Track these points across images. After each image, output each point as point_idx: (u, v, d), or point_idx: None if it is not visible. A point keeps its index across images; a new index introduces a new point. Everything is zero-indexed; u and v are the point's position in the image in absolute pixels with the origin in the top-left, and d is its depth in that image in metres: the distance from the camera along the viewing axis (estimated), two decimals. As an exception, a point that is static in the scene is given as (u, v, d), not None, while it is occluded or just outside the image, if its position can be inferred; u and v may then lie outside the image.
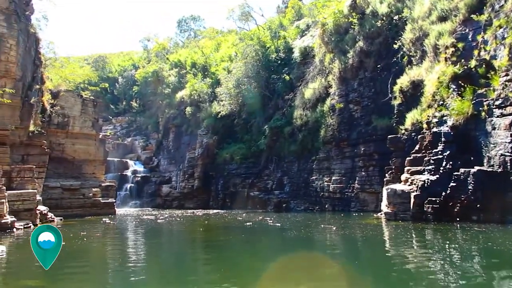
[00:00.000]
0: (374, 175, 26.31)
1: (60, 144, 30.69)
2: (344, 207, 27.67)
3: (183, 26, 69.69)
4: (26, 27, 23.65)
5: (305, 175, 32.61)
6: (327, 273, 8.71)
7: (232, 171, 38.35)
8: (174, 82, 51.96)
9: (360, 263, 10.05)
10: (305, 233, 15.70)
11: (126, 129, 57.29)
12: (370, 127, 27.32)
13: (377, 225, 17.73)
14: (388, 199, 19.80)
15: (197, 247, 13.96)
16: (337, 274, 8.74)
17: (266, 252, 11.79)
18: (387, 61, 27.00)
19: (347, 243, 13.76)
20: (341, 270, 9.05)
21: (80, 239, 14.31)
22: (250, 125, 39.57)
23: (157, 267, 10.00)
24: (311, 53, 36.09)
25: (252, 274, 8.94)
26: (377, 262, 10.28)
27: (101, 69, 67.24)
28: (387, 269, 9.23)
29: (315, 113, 32.42)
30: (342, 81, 30.00)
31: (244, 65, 40.41)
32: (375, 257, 11.11)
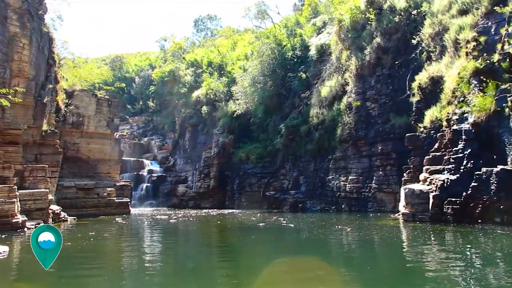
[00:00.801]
0: (391, 174, 25.61)
1: (75, 144, 30.76)
2: (361, 208, 26.99)
3: (200, 25, 69.57)
4: (39, 27, 23.65)
5: (322, 175, 31.99)
6: (334, 280, 8.14)
7: (248, 170, 37.93)
8: (190, 81, 51.93)
9: (373, 269, 9.42)
10: (317, 235, 15.13)
11: (143, 128, 57.44)
12: (388, 125, 26.60)
13: (394, 227, 17.06)
14: (406, 200, 19.13)
15: (204, 249, 13.50)
16: (347, 281, 8.16)
17: (273, 255, 11.20)
18: (405, 57, 26.23)
19: (361, 246, 13.11)
20: (351, 276, 8.49)
21: (87, 239, 14.05)
22: (266, 124, 39.09)
23: (156, 270, 9.59)
24: (327, 50, 35.43)
25: (251, 277, 8.48)
26: (392, 268, 9.65)
27: (118, 69, 67.63)
28: (403, 276, 8.65)
29: (331, 111, 31.79)
30: (359, 78, 29.28)
31: (260, 64, 39.93)
32: (390, 261, 10.49)
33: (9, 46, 21.18)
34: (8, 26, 21.22)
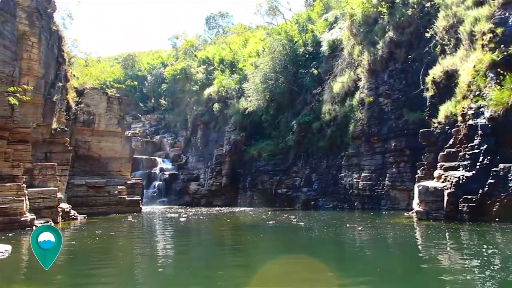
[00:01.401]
0: (405, 171, 25.11)
1: (86, 142, 30.79)
2: (374, 205, 26.52)
3: (212, 23, 69.46)
4: (48, 25, 23.64)
5: (334, 172, 31.55)
6: (338, 283, 7.75)
7: (260, 168, 37.64)
8: (202, 79, 51.77)
9: (383, 270, 8.92)
10: (327, 234, 14.73)
11: (155, 126, 57.49)
12: (401, 121, 26.05)
13: (407, 225, 16.57)
14: (420, 197, 18.63)
15: (208, 248, 13.19)
16: (354, 283, 7.77)
17: (276, 255, 10.79)
18: (419, 51, 25.60)
19: (371, 246, 12.65)
20: (359, 279, 8.08)
21: (92, 238, 13.89)
22: (278, 121, 38.71)
23: (153, 271, 9.32)
24: (339, 46, 34.88)
25: (249, 277, 8.19)
26: (404, 269, 9.17)
27: (131, 68, 67.81)
28: (416, 278, 8.22)
29: (344, 107, 31.32)
30: (372, 73, 28.72)
31: (271, 60, 39.55)
32: (402, 262, 10.02)
33: (18, 44, 21.17)
34: (17, 24, 21.19)
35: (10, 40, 20.30)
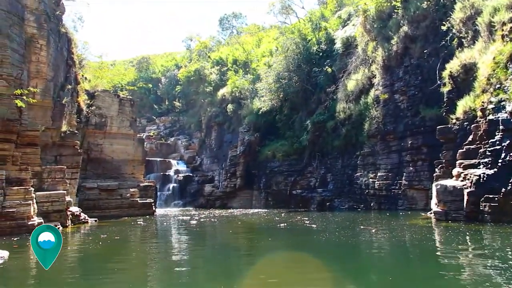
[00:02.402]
0: (423, 170, 24.41)
1: (98, 145, 30.62)
2: (391, 205, 25.78)
3: (225, 24, 69.16)
4: (57, 27, 23.47)
5: (349, 172, 30.85)
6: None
7: (275, 168, 37.11)
8: (215, 80, 51.53)
9: (396, 278, 8.21)
10: (338, 237, 14.02)
11: (170, 128, 57.43)
12: (418, 118, 25.31)
13: (424, 227, 15.81)
14: (438, 197, 17.85)
15: (211, 253, 12.57)
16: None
17: (280, 260, 10.23)
18: (435, 45, 24.78)
19: (384, 251, 11.90)
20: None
21: (95, 243, 13.52)
22: (292, 120, 38.19)
23: (148, 275, 8.86)
24: (353, 43, 34.17)
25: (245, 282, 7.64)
26: (421, 276, 8.42)
27: (145, 70, 67.95)
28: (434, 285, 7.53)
29: (358, 105, 30.62)
30: (386, 70, 27.94)
31: (284, 59, 39.02)
32: (418, 268, 9.24)
33: (26, 47, 21.00)
34: (25, 27, 21.02)
35: (18, 43, 20.13)
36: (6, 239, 14.73)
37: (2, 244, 13.62)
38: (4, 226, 16.43)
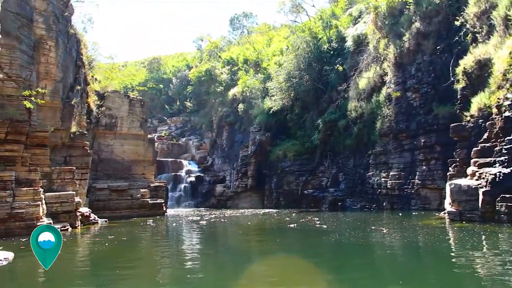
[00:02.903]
0: (436, 169, 23.91)
1: (109, 145, 30.65)
2: (404, 205, 25.31)
3: (236, 24, 68.92)
4: (66, 28, 23.46)
5: (361, 171, 30.44)
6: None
7: (286, 168, 36.83)
8: (226, 79, 51.40)
9: (406, 283, 7.85)
10: (348, 238, 13.66)
11: (181, 129, 57.45)
12: (431, 116, 24.80)
13: (438, 227, 15.38)
14: (452, 196, 17.41)
15: (215, 254, 12.30)
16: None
17: (286, 263, 9.89)
18: (448, 41, 24.27)
19: (395, 253, 11.48)
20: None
21: (102, 244, 13.35)
22: (303, 120, 37.87)
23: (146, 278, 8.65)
24: (364, 40, 33.68)
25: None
26: (433, 280, 8.05)
27: (156, 71, 68.08)
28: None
29: (370, 104, 30.18)
30: (398, 67, 27.45)
31: (295, 58, 38.70)
32: (429, 273, 8.82)
33: (35, 48, 21.02)
34: (34, 28, 21.04)
35: (27, 44, 20.15)
36: (15, 240, 14.70)
37: (10, 245, 13.59)
38: (14, 227, 16.43)
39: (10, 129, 17.88)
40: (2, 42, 19.00)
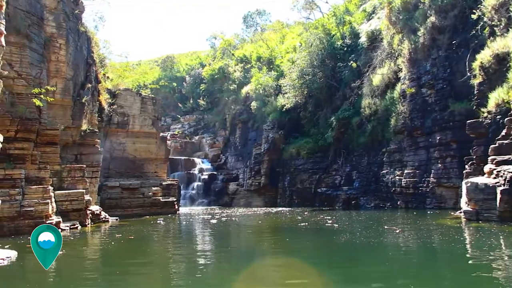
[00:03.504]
0: (452, 167, 23.36)
1: (121, 144, 30.59)
2: (419, 204, 24.82)
3: (249, 21, 68.60)
4: (76, 26, 23.40)
5: (375, 169, 29.96)
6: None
7: (299, 166, 36.49)
8: (239, 77, 51.16)
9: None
10: (359, 238, 13.24)
11: (194, 127, 57.34)
12: (447, 113, 24.19)
13: (453, 227, 14.89)
14: (468, 195, 16.90)
15: (224, 254, 11.95)
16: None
17: (290, 264, 9.53)
18: (464, 35, 23.64)
19: (407, 254, 10.97)
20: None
21: (107, 243, 13.22)
22: (316, 117, 37.50)
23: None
24: (379, 36, 33.11)
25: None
26: (445, 287, 7.66)
27: (169, 69, 68.13)
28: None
29: (384, 100, 29.69)
30: (413, 63, 26.88)
31: (308, 55, 38.28)
32: (443, 277, 8.34)
33: (45, 47, 20.99)
34: (44, 27, 21.00)
35: (37, 42, 20.13)
36: (23, 238, 14.64)
37: (17, 243, 13.53)
38: (23, 225, 16.40)
39: (20, 127, 17.94)
40: (12, 40, 19.04)
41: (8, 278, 8.74)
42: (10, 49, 19.01)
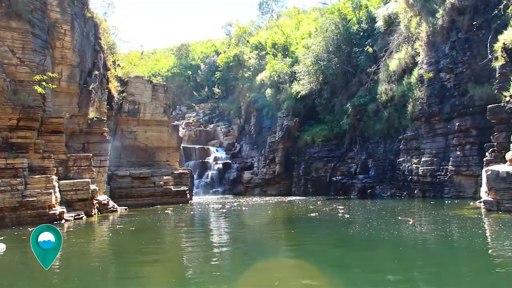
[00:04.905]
0: (471, 154, 22.31)
1: (132, 132, 30.27)
2: (436, 193, 23.88)
3: (264, 8, 67.43)
4: (82, 12, 22.90)
5: (392, 157, 29.04)
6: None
7: (314, 154, 35.74)
8: (254, 64, 50.35)
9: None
10: (368, 229, 12.37)
11: (209, 115, 56.89)
12: (466, 98, 23.04)
13: (471, 218, 13.98)
14: (489, 184, 15.96)
15: (217, 248, 11.13)
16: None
17: (285, 261, 8.88)
18: (486, 16, 22.37)
19: (418, 250, 9.97)
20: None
21: (104, 235, 12.75)
22: (332, 104, 36.59)
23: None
24: (396, 20, 31.86)
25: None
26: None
27: (184, 58, 67.64)
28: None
29: (401, 86, 28.62)
30: (431, 46, 25.69)
31: (323, 40, 37.26)
32: (460, 274, 7.59)
33: (49, 33, 20.54)
34: (48, 12, 20.58)
35: (41, 28, 19.68)
36: (24, 229, 14.31)
37: (14, 235, 13.24)
38: (25, 216, 16.14)
39: (22, 115, 17.53)
40: (14, 26, 18.65)
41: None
42: (12, 35, 18.64)
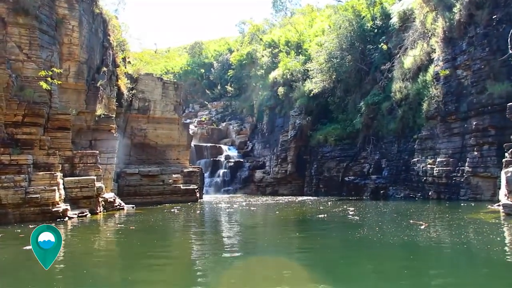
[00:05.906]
0: (489, 155, 21.51)
1: (142, 130, 30.02)
2: (452, 195, 23.13)
3: (278, 6, 66.96)
4: (90, 8, 22.67)
5: (406, 157, 28.29)
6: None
7: (326, 154, 35.16)
8: (267, 62, 49.84)
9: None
10: (376, 234, 11.62)
11: (221, 113, 56.59)
12: (484, 96, 22.20)
13: (489, 223, 13.25)
14: (508, 187, 15.24)
15: (212, 249, 10.69)
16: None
17: (281, 264, 8.32)
18: (506, 9, 21.56)
19: (429, 256, 9.27)
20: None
21: (101, 235, 12.40)
22: (345, 103, 35.96)
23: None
24: (411, 16, 31.01)
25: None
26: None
27: (198, 56, 67.46)
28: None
29: (416, 84, 27.83)
30: (448, 42, 24.86)
31: (336, 37, 36.58)
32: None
33: (57, 29, 20.38)
34: (56, 8, 20.40)
35: (48, 24, 19.52)
36: (26, 226, 14.07)
37: (13, 232, 12.98)
38: (28, 212, 15.95)
39: (27, 111, 17.38)
40: (21, 22, 18.50)
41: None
42: (19, 31, 18.53)
